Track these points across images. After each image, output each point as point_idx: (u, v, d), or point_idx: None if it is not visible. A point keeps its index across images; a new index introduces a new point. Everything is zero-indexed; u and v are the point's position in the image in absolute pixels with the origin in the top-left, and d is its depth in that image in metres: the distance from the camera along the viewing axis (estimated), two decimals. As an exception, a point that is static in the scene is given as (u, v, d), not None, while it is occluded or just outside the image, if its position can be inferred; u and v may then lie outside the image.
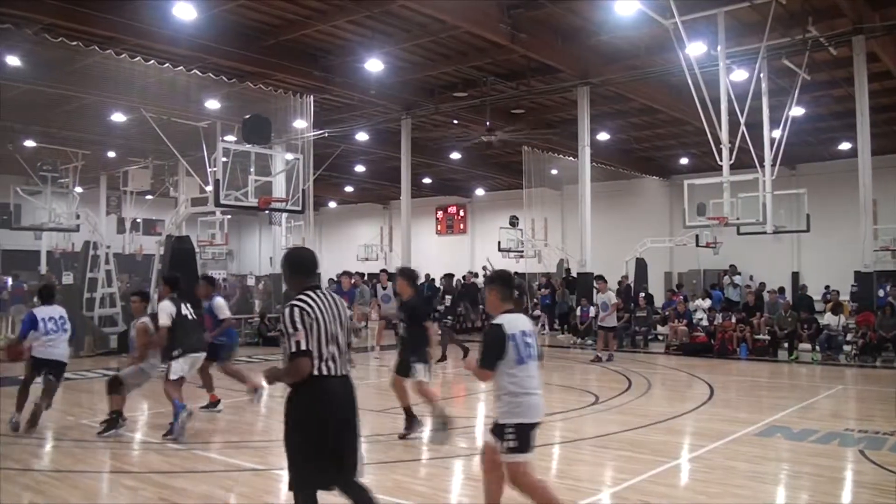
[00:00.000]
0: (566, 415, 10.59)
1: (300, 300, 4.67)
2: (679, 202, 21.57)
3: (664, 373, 15.67)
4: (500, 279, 5.54)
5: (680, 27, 15.36)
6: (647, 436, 9.11)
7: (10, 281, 29.68)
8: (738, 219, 17.21)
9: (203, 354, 9.56)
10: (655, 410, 11.00)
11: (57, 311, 9.47)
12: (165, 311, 9.06)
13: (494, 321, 5.28)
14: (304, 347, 4.52)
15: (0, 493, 6.74)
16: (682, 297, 20.82)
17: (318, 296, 4.74)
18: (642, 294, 22.87)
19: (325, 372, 4.64)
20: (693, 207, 18.84)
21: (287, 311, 4.62)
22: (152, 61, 19.02)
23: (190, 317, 9.40)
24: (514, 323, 5.24)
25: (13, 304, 20.88)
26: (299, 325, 4.54)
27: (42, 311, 9.32)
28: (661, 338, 20.88)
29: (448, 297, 23.74)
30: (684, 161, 32.34)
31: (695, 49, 16.54)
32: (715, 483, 7.06)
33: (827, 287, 22.92)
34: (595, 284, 18.54)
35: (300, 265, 4.94)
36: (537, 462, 7.79)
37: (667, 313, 20.82)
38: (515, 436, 5.11)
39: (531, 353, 5.23)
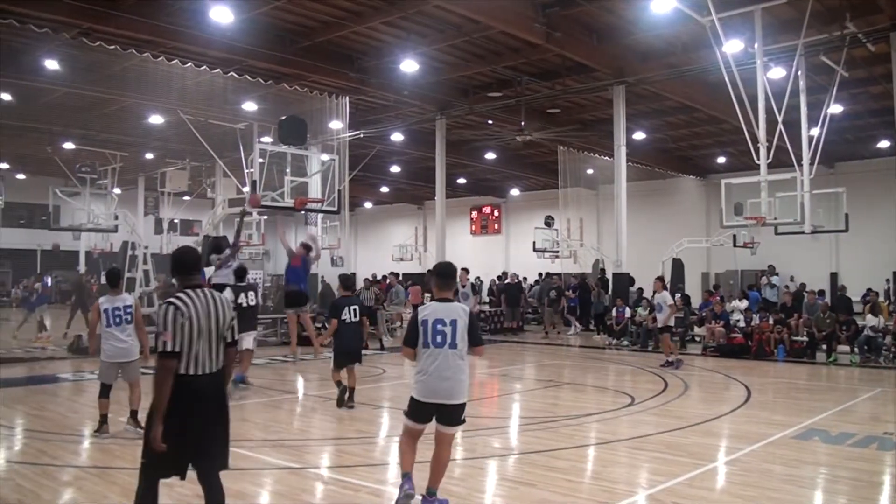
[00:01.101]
0: (601, 416, 10.54)
1: (176, 299, 4.88)
2: (716, 202, 21.34)
3: (701, 374, 15.52)
4: (437, 272, 6.24)
5: (717, 24, 15.20)
6: (683, 438, 9.04)
7: (49, 280, 30.15)
8: (775, 219, 16.98)
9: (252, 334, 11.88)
10: (692, 412, 10.90)
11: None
12: None
13: (419, 307, 6.18)
14: (169, 348, 4.74)
15: (40, 488, 6.87)
16: (718, 298, 20.61)
17: (196, 294, 4.94)
18: (679, 295, 22.66)
19: (191, 371, 4.84)
20: (730, 207, 18.60)
21: (162, 309, 4.85)
22: (189, 64, 19.26)
23: (245, 304, 11.04)
24: (436, 311, 5.93)
25: (39, 304, 21.16)
26: (169, 325, 4.76)
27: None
28: (697, 339, 20.69)
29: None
30: (721, 160, 32.04)
31: (732, 47, 16.37)
32: (751, 486, 6.98)
33: (869, 289, 22.55)
34: (653, 286, 17.83)
35: (181, 264, 5.13)
36: (574, 463, 7.83)
37: (704, 314, 20.61)
38: (408, 405, 6.05)
39: (439, 340, 5.85)
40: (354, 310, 10.73)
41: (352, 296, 11.23)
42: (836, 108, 19.29)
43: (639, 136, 26.94)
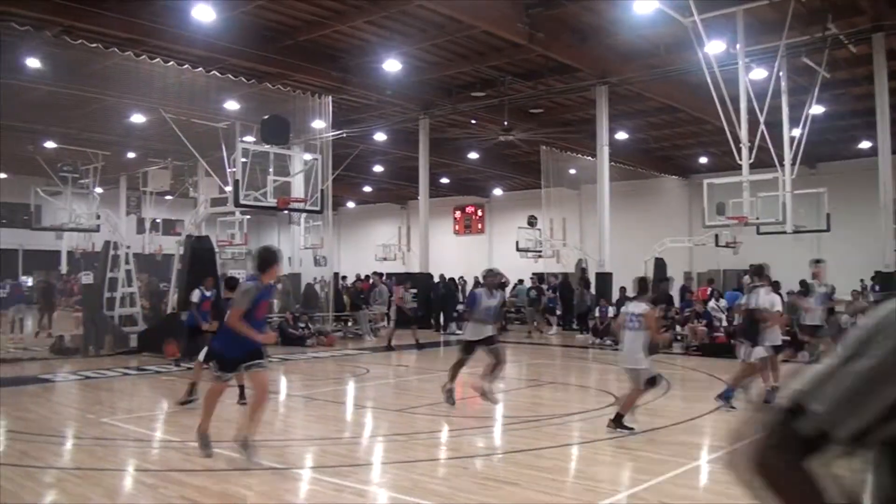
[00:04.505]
0: (584, 415, 10.58)
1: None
2: (698, 202, 21.43)
3: (684, 373, 15.60)
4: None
5: (699, 25, 15.31)
6: (667, 436, 9.08)
7: (30, 280, 29.91)
8: (757, 218, 17.13)
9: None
10: (675, 411, 10.96)
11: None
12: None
13: None
14: None
15: (22, 490, 6.82)
16: (709, 291, 20.66)
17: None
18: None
19: None
20: (713, 207, 18.71)
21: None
22: (171, 63, 19.18)
23: None
24: None
25: (14, 304, 21.00)
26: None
27: None
28: (679, 338, 20.79)
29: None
30: (704, 160, 32.19)
31: (714, 47, 16.47)
32: (736, 485, 7.00)
33: (854, 290, 22.58)
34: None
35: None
36: (558, 462, 7.85)
37: (686, 314, 20.71)
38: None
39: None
40: None
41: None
42: (817, 109, 19.41)
43: (621, 136, 27.03)
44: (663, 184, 35.65)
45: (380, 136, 28.49)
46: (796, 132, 17.65)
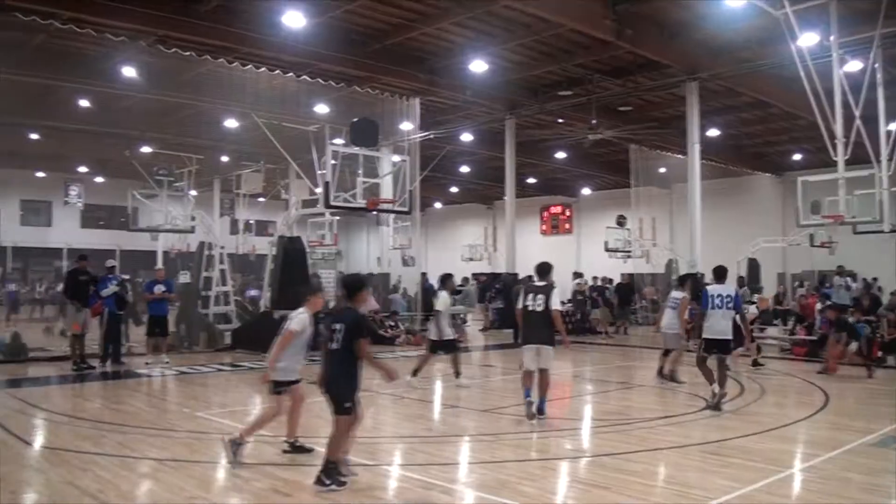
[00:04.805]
0: (677, 419, 10.39)
1: None
2: (792, 200, 20.74)
3: (778, 378, 15.17)
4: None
5: (791, 17, 14.85)
6: (759, 443, 8.83)
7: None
8: (853, 217, 16.49)
9: None
10: (768, 417, 10.66)
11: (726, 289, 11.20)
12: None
13: None
14: None
15: (119, 479, 7.10)
16: (819, 296, 20.01)
17: None
18: (765, 297, 22.10)
19: None
20: (807, 205, 18.09)
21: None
22: (263, 68, 19.65)
23: None
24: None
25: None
26: None
27: None
28: (772, 342, 20.19)
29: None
30: (797, 157, 31.27)
31: (806, 40, 15.92)
32: (830, 495, 6.78)
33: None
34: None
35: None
36: (647, 466, 7.76)
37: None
38: None
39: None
40: None
41: None
42: (916, 101, 18.60)
43: (712, 132, 26.46)
44: (756, 181, 34.76)
45: (466, 137, 28.57)
46: (893, 126, 16.94)
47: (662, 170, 30.27)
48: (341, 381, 6.76)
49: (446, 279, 13.97)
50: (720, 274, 11.49)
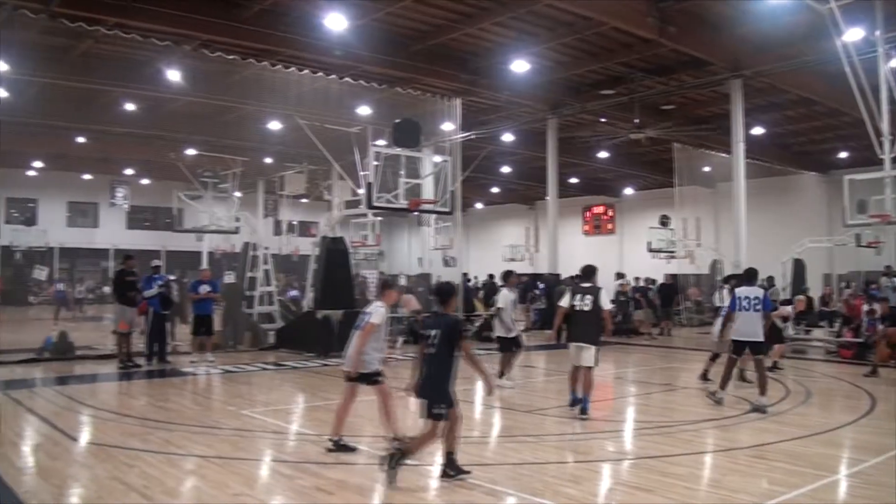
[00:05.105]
0: (721, 422, 10.26)
1: None
2: (838, 199, 20.35)
3: (824, 381, 14.92)
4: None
5: (836, 12, 14.61)
6: (804, 447, 8.69)
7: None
8: (901, 216, 16.14)
9: None
10: (814, 421, 10.48)
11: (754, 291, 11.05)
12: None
13: None
14: None
15: (165, 476, 7.21)
16: (867, 298, 19.57)
17: None
18: (801, 297, 21.75)
19: None
20: (853, 204, 17.75)
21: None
22: (306, 71, 19.83)
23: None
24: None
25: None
26: None
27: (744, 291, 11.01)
28: (818, 344, 19.85)
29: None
30: (843, 155, 30.77)
31: (852, 35, 15.64)
32: (876, 501, 6.66)
33: None
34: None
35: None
36: (692, 470, 7.68)
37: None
38: None
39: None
40: None
41: None
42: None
43: (756, 131, 26.14)
44: (801, 180, 34.23)
45: (508, 137, 28.56)
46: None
47: (706, 169, 29.94)
48: (435, 386, 6.92)
49: (508, 276, 14.17)
50: (750, 276, 11.50)
